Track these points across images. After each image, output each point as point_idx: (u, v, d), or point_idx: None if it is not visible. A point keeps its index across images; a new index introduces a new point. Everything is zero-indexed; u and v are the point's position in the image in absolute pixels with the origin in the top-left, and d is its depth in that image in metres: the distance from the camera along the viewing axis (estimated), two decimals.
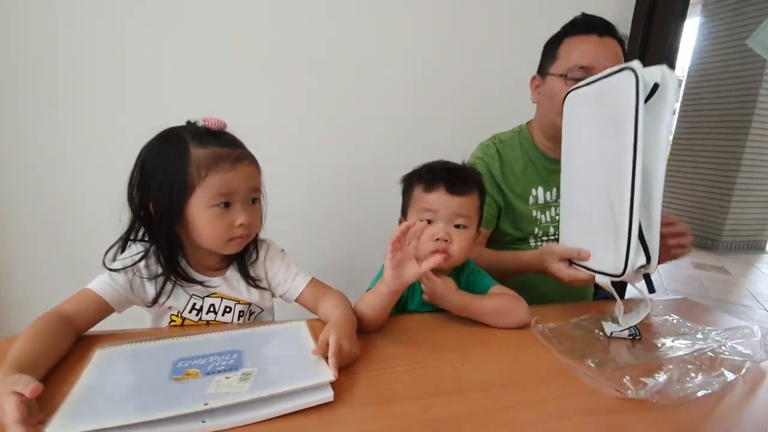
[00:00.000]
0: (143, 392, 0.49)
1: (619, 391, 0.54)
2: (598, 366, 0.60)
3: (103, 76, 1.20)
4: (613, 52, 0.90)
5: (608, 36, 0.90)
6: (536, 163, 1.02)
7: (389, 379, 0.56)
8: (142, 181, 0.65)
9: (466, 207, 0.74)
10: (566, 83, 0.90)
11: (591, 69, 0.87)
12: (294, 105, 1.32)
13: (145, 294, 0.68)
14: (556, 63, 0.93)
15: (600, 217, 0.70)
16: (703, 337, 0.70)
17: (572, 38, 0.92)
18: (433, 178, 0.75)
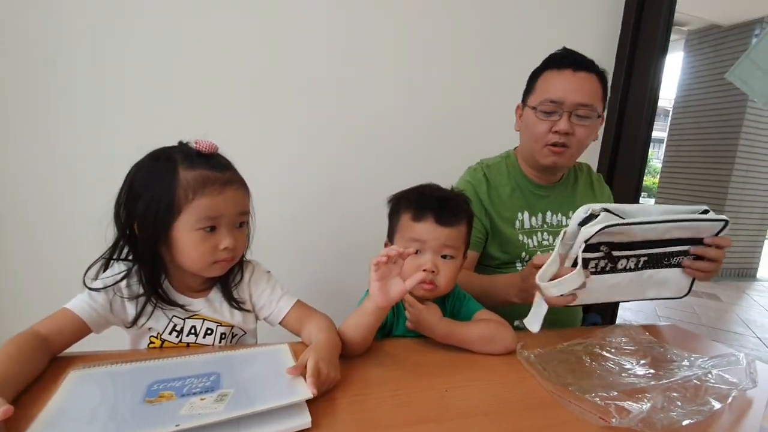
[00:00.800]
0: (113, 415, 0.47)
1: (604, 419, 0.53)
2: (583, 393, 0.60)
3: (95, 92, 1.20)
4: (587, 86, 0.92)
5: (583, 71, 0.93)
6: (523, 188, 1.04)
7: (370, 406, 0.55)
8: (129, 199, 0.65)
9: (454, 238, 0.74)
10: (536, 115, 0.94)
11: (562, 103, 0.92)
12: (286, 127, 1.33)
13: (125, 314, 0.67)
14: (532, 95, 0.98)
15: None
16: (689, 364, 0.70)
17: (549, 72, 0.95)
18: (423, 207, 0.74)
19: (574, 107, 0.92)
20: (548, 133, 0.94)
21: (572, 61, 0.94)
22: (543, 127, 0.94)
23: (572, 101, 0.91)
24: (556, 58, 0.96)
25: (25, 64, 1.16)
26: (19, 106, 1.18)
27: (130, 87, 1.22)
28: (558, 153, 0.95)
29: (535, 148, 0.97)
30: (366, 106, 1.38)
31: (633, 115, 1.54)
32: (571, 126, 0.92)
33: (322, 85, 1.33)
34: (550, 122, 0.93)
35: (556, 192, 1.05)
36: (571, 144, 0.94)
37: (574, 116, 0.92)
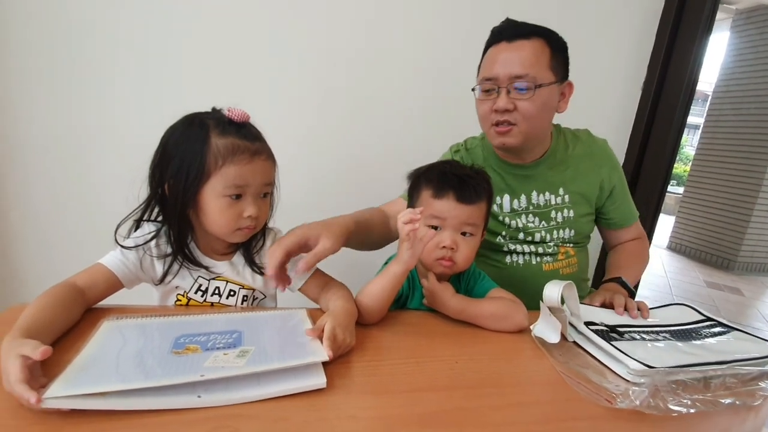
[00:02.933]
0: (143, 362, 0.51)
1: (609, 401, 0.54)
2: (592, 376, 0.60)
3: (126, 66, 1.23)
4: (520, 55, 0.84)
5: (520, 39, 0.85)
6: (499, 171, 0.98)
7: (382, 371, 0.58)
8: (162, 161, 0.67)
9: (474, 215, 0.74)
10: (478, 96, 0.90)
11: (496, 79, 0.85)
12: (307, 99, 1.34)
13: (154, 272, 0.70)
14: (478, 74, 0.92)
15: None
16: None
17: (489, 49, 0.89)
18: (443, 185, 0.74)
19: (509, 80, 0.84)
20: (491, 113, 0.87)
21: (504, 32, 0.87)
22: (485, 108, 0.88)
23: (506, 74, 0.84)
24: (494, 32, 0.90)
25: (58, 33, 1.19)
26: (55, 75, 1.21)
27: (162, 58, 1.24)
28: (504, 133, 0.88)
29: (484, 129, 0.93)
30: (387, 77, 1.36)
31: (669, 97, 1.47)
32: (511, 101, 0.84)
33: (345, 56, 1.32)
34: (490, 101, 0.87)
35: (540, 170, 0.97)
36: (517, 121, 0.86)
37: (513, 90, 0.84)
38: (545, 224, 0.98)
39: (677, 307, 0.85)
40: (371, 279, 0.78)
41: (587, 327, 0.69)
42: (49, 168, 1.28)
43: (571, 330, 0.70)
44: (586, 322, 0.70)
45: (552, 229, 0.98)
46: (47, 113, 1.24)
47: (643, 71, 1.49)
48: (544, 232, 0.97)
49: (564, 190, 0.98)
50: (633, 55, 1.48)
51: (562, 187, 0.97)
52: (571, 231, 0.99)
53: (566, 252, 1.00)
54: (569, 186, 0.97)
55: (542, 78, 0.84)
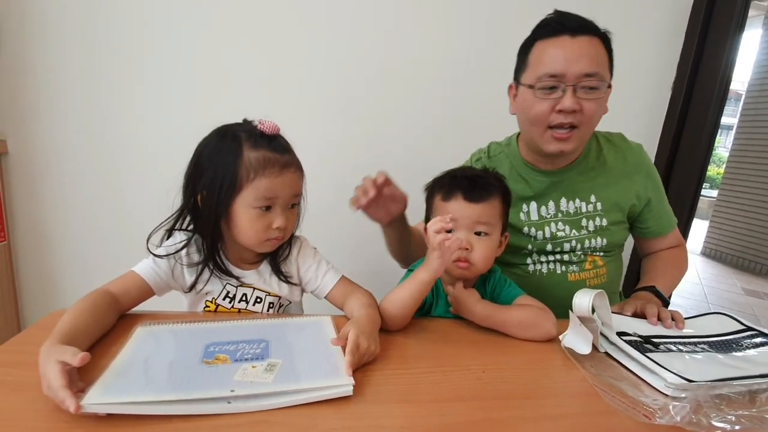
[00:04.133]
0: (176, 372, 0.52)
1: (647, 417, 0.52)
2: (627, 389, 0.58)
3: (159, 79, 1.28)
4: (589, 52, 0.78)
5: (582, 34, 0.78)
6: (527, 178, 0.93)
7: (409, 380, 0.57)
8: (196, 172, 0.69)
9: (486, 214, 0.73)
10: (535, 95, 0.80)
11: (563, 76, 0.78)
12: (331, 107, 1.36)
13: (184, 280, 0.72)
14: (526, 71, 0.83)
15: None
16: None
17: (542, 42, 0.81)
18: (452, 186, 0.75)
19: (578, 79, 0.77)
20: (551, 113, 0.79)
21: (567, 25, 0.79)
22: (543, 107, 0.80)
23: (576, 72, 0.77)
24: (547, 24, 0.82)
25: (93, 49, 1.25)
26: (90, 88, 1.28)
27: (191, 71, 1.29)
28: (564, 139, 0.81)
29: (535, 133, 0.84)
30: (404, 90, 1.37)
31: (701, 97, 1.41)
32: (578, 101, 0.78)
33: (369, 64, 1.34)
34: (552, 101, 0.79)
35: (570, 176, 0.91)
36: (580, 123, 0.80)
37: (579, 90, 0.78)
38: (576, 233, 0.92)
39: (715, 316, 0.81)
40: (395, 286, 0.78)
41: (620, 338, 0.67)
42: (84, 179, 1.34)
43: (602, 340, 0.68)
44: (618, 333, 0.68)
45: (583, 238, 0.92)
46: (83, 125, 1.30)
47: (672, 71, 1.44)
48: (574, 242, 0.92)
49: (596, 197, 0.92)
50: (662, 55, 1.43)
51: (594, 194, 0.92)
52: (603, 240, 0.93)
53: (593, 261, 0.95)
54: (601, 193, 0.92)
55: (606, 78, 0.80)
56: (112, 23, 1.24)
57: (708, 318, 0.81)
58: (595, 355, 0.66)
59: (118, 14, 1.23)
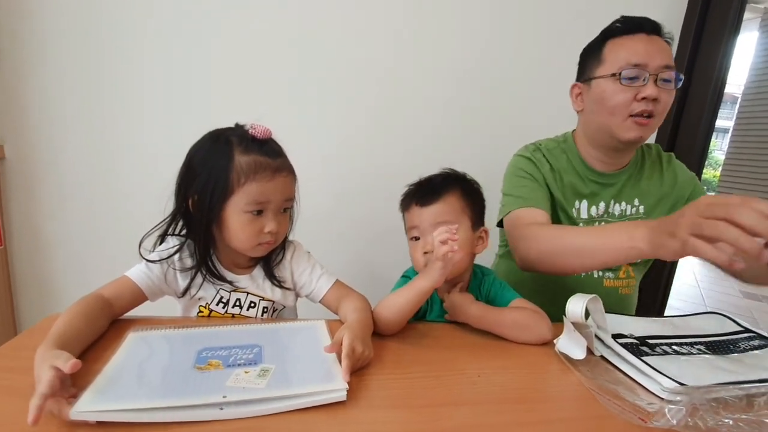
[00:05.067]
0: (167, 378, 0.52)
1: (643, 420, 0.52)
2: (624, 392, 0.57)
3: (155, 83, 1.28)
4: (665, 48, 0.83)
5: (656, 35, 0.83)
6: (583, 176, 0.94)
7: (403, 384, 0.57)
8: (188, 177, 0.69)
9: (442, 213, 0.74)
10: (620, 82, 0.82)
11: (645, 66, 0.81)
12: (328, 112, 1.36)
13: (177, 285, 0.72)
14: (602, 66, 0.86)
15: None
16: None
17: (617, 39, 0.85)
18: (407, 198, 0.78)
19: (659, 69, 0.81)
20: (632, 102, 0.82)
21: (642, 25, 0.84)
22: (626, 96, 0.82)
23: (658, 63, 0.80)
24: (622, 25, 0.86)
25: (91, 52, 1.25)
26: (89, 91, 1.27)
27: (187, 74, 1.29)
28: (643, 125, 0.83)
29: (614, 122, 0.85)
30: (403, 95, 1.37)
31: (696, 100, 1.42)
32: (658, 91, 0.81)
33: (366, 68, 1.34)
34: (633, 89, 0.81)
35: (621, 179, 0.94)
36: (656, 113, 0.83)
37: (659, 80, 0.81)
38: None
39: (712, 316, 0.81)
40: (389, 291, 0.78)
41: (615, 340, 0.66)
42: (81, 183, 1.33)
43: (597, 344, 0.68)
44: (614, 335, 0.68)
45: None
46: (79, 129, 1.30)
47: None
48: None
49: (639, 201, 0.94)
50: None
51: (638, 198, 0.94)
52: None
53: (627, 271, 0.96)
54: (645, 198, 0.94)
55: (680, 75, 0.84)
56: (109, 26, 1.24)
57: (705, 317, 0.81)
58: (591, 359, 0.66)
59: (114, 17, 1.23)
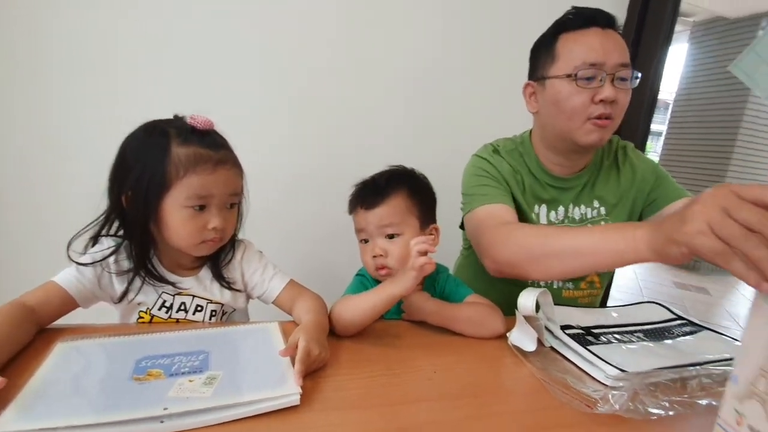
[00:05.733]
0: (101, 391, 0.47)
1: (589, 406, 0.54)
2: (572, 382, 0.59)
3: (92, 70, 1.18)
4: (621, 44, 0.78)
5: (611, 28, 0.78)
6: (541, 181, 0.90)
7: (358, 385, 0.55)
8: (120, 172, 0.64)
9: (388, 215, 0.73)
10: (576, 84, 0.77)
11: (602, 65, 0.75)
12: (279, 104, 1.31)
13: (113, 290, 0.66)
14: (556, 64, 0.80)
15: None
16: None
17: (570, 34, 0.79)
18: (353, 200, 0.77)
19: (616, 68, 0.76)
20: (590, 104, 0.77)
21: (597, 18, 0.78)
22: (583, 99, 0.77)
23: (614, 61, 0.75)
24: (574, 18, 0.80)
25: (21, 49, 1.13)
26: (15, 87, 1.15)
27: (128, 62, 1.19)
28: (603, 127, 0.78)
29: (572, 126, 0.79)
30: (355, 86, 1.35)
31: (633, 106, 1.50)
32: (616, 92, 0.76)
33: (318, 60, 1.31)
34: (590, 90, 0.76)
35: (580, 182, 0.90)
36: (615, 115, 0.78)
37: (616, 79, 0.76)
38: None
39: (649, 305, 0.87)
40: (343, 289, 0.77)
41: (563, 331, 0.69)
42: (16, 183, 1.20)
43: (547, 335, 0.70)
44: (562, 326, 0.70)
45: None
46: (14, 120, 1.17)
47: None
48: None
49: (599, 202, 0.91)
50: None
51: (597, 200, 0.91)
52: None
53: (592, 282, 0.93)
54: (605, 199, 0.91)
55: (636, 72, 0.79)
56: (25, 17, 1.13)
57: (642, 306, 0.86)
58: (541, 350, 0.68)
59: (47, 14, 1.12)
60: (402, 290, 0.65)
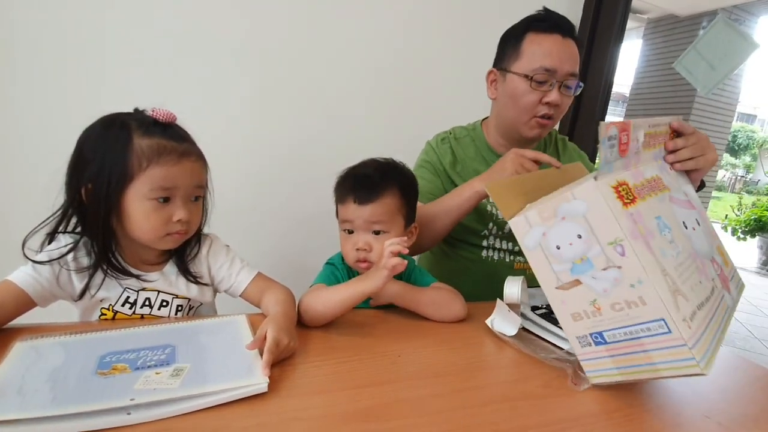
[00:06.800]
0: (64, 386, 0.47)
1: (574, 383, 0.59)
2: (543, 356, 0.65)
3: (49, 62, 1.12)
4: (574, 54, 0.89)
5: (569, 37, 0.88)
6: (489, 161, 1.00)
7: (325, 371, 0.57)
8: (78, 165, 0.62)
9: (378, 213, 0.74)
10: (531, 86, 0.87)
11: (555, 72, 0.86)
12: (243, 97, 1.29)
13: (72, 288, 0.65)
14: (519, 61, 0.90)
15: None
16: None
17: (535, 35, 0.88)
18: (344, 189, 0.77)
19: (565, 77, 0.87)
20: (537, 104, 0.88)
21: (560, 26, 0.88)
22: (533, 98, 0.88)
23: (565, 71, 0.86)
24: (541, 19, 0.89)
25: None
26: None
27: (78, 52, 1.14)
28: (543, 125, 0.91)
29: (520, 119, 0.92)
30: (321, 76, 1.35)
31: (589, 99, 1.60)
32: (561, 97, 0.88)
33: (275, 56, 1.30)
34: (540, 93, 0.87)
35: None
36: (555, 116, 0.90)
37: (563, 86, 0.88)
38: None
39: None
40: (311, 280, 0.78)
41: (533, 312, 0.74)
42: None
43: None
44: (532, 307, 0.75)
45: None
46: None
47: None
48: None
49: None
50: None
51: None
52: None
53: None
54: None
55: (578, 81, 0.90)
56: None
57: None
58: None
59: None
60: (372, 288, 0.68)
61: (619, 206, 0.51)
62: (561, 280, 0.55)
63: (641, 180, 0.59)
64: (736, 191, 12.42)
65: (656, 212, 0.56)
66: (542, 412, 0.52)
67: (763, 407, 0.59)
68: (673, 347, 0.49)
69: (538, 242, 0.56)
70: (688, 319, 0.49)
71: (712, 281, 0.59)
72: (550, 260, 0.56)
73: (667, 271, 0.51)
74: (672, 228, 0.57)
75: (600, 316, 0.53)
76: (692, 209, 0.66)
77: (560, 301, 0.56)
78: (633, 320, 0.51)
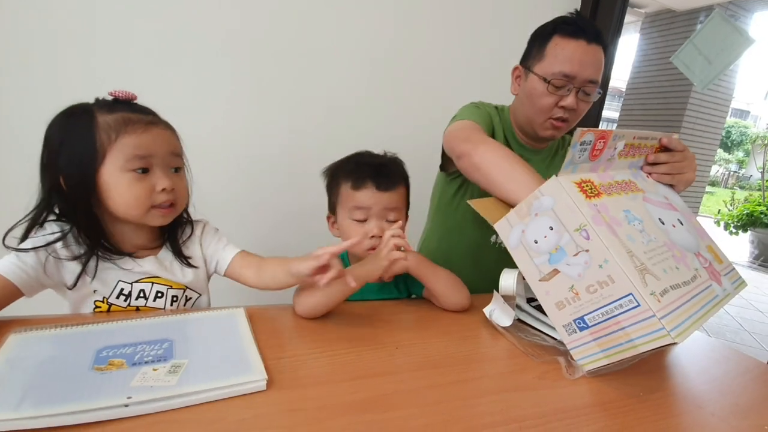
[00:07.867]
0: (60, 382, 0.46)
1: (569, 373, 0.60)
2: None
3: (24, 58, 1.10)
4: (598, 60, 0.88)
5: (595, 43, 0.88)
6: (513, 148, 0.99)
7: (322, 363, 0.58)
8: (50, 157, 0.62)
9: (395, 201, 0.76)
10: (547, 89, 0.88)
11: (573, 78, 0.86)
12: (236, 87, 1.27)
13: (60, 276, 0.63)
14: (541, 63, 0.90)
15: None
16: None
17: (561, 38, 0.88)
18: (362, 175, 0.76)
19: (583, 83, 0.87)
20: (554, 107, 0.90)
21: (587, 31, 0.87)
22: (550, 101, 0.89)
23: (584, 77, 0.86)
24: (568, 23, 0.89)
25: None
26: None
27: (49, 46, 1.11)
28: (558, 128, 0.92)
29: (536, 119, 0.94)
30: (313, 70, 1.33)
31: None
32: (577, 102, 0.89)
33: (273, 42, 1.28)
34: (557, 96, 0.89)
35: (538, 159, 1.03)
36: (571, 120, 0.91)
37: (581, 92, 0.88)
38: None
39: None
40: None
41: (529, 304, 0.75)
42: None
43: (516, 310, 0.75)
44: (527, 299, 0.76)
45: None
46: None
47: None
48: None
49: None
50: None
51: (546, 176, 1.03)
52: None
53: None
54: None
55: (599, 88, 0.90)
56: None
57: None
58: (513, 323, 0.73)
59: None
60: (372, 276, 0.68)
61: (582, 198, 0.58)
62: (542, 271, 0.60)
63: (609, 181, 0.64)
64: (729, 186, 12.53)
65: (624, 207, 0.61)
66: (538, 404, 0.53)
67: (753, 397, 0.60)
68: (644, 320, 0.52)
69: (519, 240, 0.62)
70: (658, 294, 0.52)
71: (695, 270, 0.62)
72: (531, 254, 0.61)
73: (634, 252, 0.55)
74: (644, 221, 0.61)
75: (579, 300, 0.57)
76: (674, 211, 0.69)
77: (545, 293, 0.60)
78: (606, 299, 0.55)
